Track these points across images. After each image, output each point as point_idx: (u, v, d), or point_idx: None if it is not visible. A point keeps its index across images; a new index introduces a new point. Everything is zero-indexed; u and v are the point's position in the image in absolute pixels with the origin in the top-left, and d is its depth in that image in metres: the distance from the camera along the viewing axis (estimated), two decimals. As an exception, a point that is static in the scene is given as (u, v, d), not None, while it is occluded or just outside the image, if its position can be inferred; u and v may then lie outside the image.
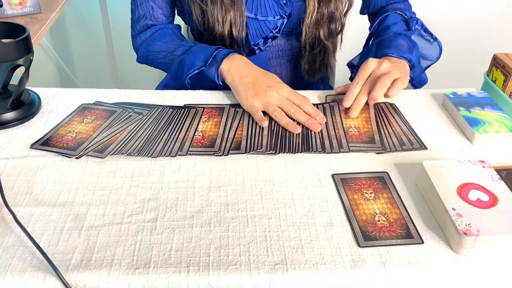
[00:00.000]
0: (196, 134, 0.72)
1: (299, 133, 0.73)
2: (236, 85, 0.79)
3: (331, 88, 1.12)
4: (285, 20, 0.91)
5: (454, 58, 1.90)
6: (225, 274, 0.50)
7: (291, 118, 0.75)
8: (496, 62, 0.84)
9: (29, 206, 0.58)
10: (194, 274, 0.50)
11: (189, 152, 0.68)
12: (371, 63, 0.79)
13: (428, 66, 0.98)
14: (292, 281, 0.50)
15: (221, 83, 0.81)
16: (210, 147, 0.69)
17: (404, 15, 0.94)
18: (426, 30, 0.94)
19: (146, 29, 0.93)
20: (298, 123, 0.74)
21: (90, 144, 0.69)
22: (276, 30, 0.91)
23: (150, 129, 0.73)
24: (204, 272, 0.50)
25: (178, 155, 0.67)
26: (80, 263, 0.51)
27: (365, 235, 0.56)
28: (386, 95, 0.78)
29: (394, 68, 0.78)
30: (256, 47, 0.93)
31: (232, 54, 0.82)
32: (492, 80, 0.85)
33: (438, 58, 0.96)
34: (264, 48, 0.94)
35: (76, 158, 0.66)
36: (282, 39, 0.96)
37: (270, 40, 0.93)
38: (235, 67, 0.80)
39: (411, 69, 0.85)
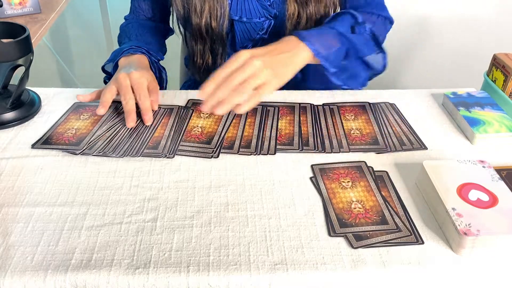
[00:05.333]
0: (194, 129, 0.73)
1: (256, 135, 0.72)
2: None
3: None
4: (272, 22, 0.90)
5: (454, 58, 1.91)
6: (225, 274, 0.50)
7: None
8: (496, 62, 0.84)
9: (29, 206, 0.58)
10: (194, 274, 0.50)
11: (180, 149, 0.68)
12: (242, 55, 0.68)
13: (374, 75, 0.87)
14: (292, 281, 0.50)
15: None
16: (207, 144, 0.70)
17: (357, 19, 0.82)
18: (374, 39, 0.82)
19: (125, 21, 1.01)
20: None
21: (92, 138, 0.70)
22: (263, 32, 0.91)
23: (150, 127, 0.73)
24: (204, 272, 0.50)
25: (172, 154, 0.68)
26: (80, 263, 0.51)
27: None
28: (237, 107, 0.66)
29: (266, 67, 0.67)
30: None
31: (135, 53, 0.84)
32: (492, 80, 0.85)
33: (381, 71, 0.85)
34: None
35: (81, 154, 0.67)
36: (274, 41, 0.95)
37: (259, 42, 0.92)
38: (123, 63, 0.82)
39: (325, 71, 0.75)
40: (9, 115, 0.73)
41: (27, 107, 0.75)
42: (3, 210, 0.58)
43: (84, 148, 0.68)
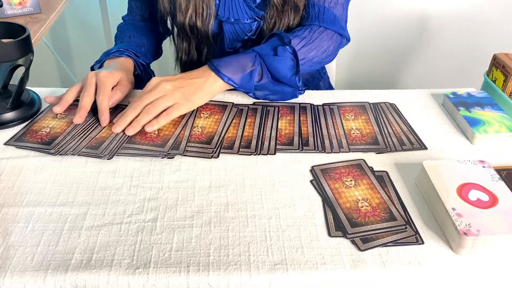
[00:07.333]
0: (195, 129, 0.73)
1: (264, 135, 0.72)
2: None
3: (331, 87, 1.12)
4: (260, 23, 0.90)
5: (454, 58, 1.91)
6: (225, 274, 0.50)
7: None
8: (496, 62, 0.84)
9: (29, 206, 0.58)
10: (194, 274, 0.50)
11: (186, 149, 0.68)
12: (152, 83, 0.74)
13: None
14: (292, 281, 0.50)
15: None
16: (207, 144, 0.70)
17: (283, 39, 0.80)
18: (296, 59, 0.79)
19: (123, 21, 1.01)
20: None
21: (64, 138, 0.69)
22: (251, 33, 0.91)
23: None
24: (204, 272, 0.50)
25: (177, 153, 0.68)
26: (80, 263, 0.51)
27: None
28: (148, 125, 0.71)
29: (175, 91, 0.73)
30: (232, 50, 0.92)
31: (121, 56, 0.85)
32: (492, 80, 0.85)
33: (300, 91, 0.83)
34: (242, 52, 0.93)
35: (53, 154, 0.67)
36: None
37: (248, 43, 0.92)
38: (107, 64, 0.84)
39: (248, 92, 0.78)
40: (9, 115, 0.73)
41: (27, 107, 0.75)
42: (3, 210, 0.58)
43: (54, 147, 0.67)
